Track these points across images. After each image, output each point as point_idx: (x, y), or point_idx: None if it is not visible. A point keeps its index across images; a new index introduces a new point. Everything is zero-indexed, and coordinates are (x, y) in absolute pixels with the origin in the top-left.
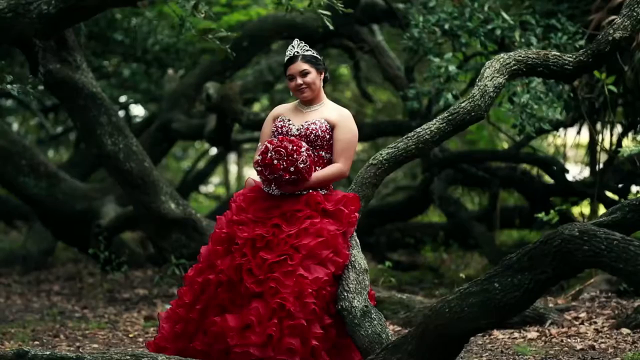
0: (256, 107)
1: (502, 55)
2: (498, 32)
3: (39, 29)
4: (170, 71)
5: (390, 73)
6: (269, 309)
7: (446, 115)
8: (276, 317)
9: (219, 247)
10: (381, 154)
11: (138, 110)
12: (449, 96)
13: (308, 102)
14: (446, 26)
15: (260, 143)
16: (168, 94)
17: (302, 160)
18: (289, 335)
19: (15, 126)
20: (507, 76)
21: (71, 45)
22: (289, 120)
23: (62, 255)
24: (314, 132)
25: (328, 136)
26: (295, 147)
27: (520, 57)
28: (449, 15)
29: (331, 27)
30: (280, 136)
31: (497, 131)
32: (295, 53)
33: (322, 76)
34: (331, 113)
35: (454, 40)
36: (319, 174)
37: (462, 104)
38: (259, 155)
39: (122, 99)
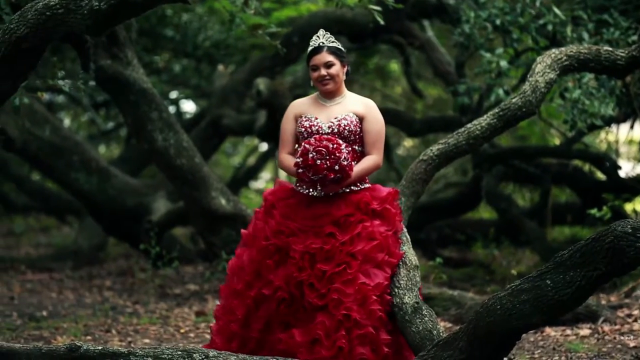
0: None
1: (553, 50)
2: (550, 27)
3: (90, 25)
4: (220, 67)
5: (441, 69)
6: (334, 321)
7: (497, 111)
8: (343, 328)
9: (269, 260)
10: (431, 150)
11: (188, 106)
12: (500, 92)
13: (330, 95)
14: (497, 22)
15: (281, 142)
16: (218, 89)
17: (344, 158)
18: (359, 345)
19: (66, 122)
20: (558, 72)
21: (122, 41)
22: (316, 118)
23: (114, 250)
24: (347, 127)
25: (359, 129)
26: (335, 145)
27: (571, 53)
28: (500, 10)
29: (381, 23)
30: (316, 135)
31: (549, 127)
32: (321, 44)
33: (345, 69)
34: (356, 105)
35: (505, 36)
36: (357, 169)
37: (513, 100)
38: (298, 157)
39: (173, 94)
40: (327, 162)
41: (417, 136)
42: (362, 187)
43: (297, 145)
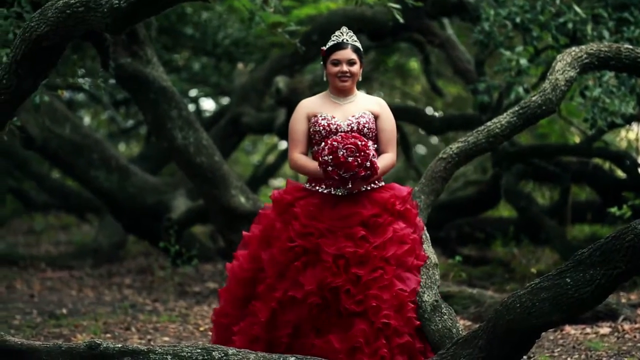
0: None
1: (573, 48)
2: (570, 25)
3: (110, 23)
4: (240, 65)
5: (461, 67)
6: (374, 328)
7: (517, 109)
8: (383, 335)
9: (297, 262)
10: (451, 148)
11: (208, 104)
12: (520, 90)
13: (344, 93)
14: (517, 19)
15: (292, 141)
16: (238, 88)
17: (373, 155)
18: (398, 354)
19: (86, 120)
20: (578, 70)
21: (142, 39)
22: (333, 116)
23: (133, 248)
24: (365, 125)
25: (374, 127)
26: (363, 142)
27: (592, 51)
28: (520, 8)
29: (401, 21)
30: (341, 133)
31: (569, 125)
32: (345, 40)
33: (361, 70)
34: (370, 104)
35: (525, 34)
36: (379, 166)
37: (533, 98)
38: (327, 156)
39: (193, 92)
40: (358, 159)
41: (436, 134)
42: (380, 185)
43: (322, 144)
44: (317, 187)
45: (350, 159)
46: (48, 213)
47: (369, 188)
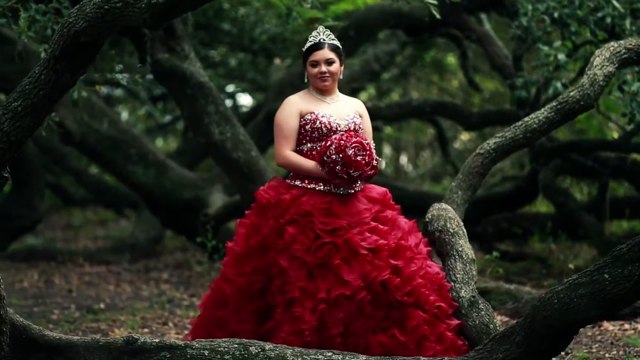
0: (362, 96)
1: (612, 43)
2: (608, 20)
3: (148, 19)
4: (276, 60)
5: (498, 62)
6: (430, 315)
7: (555, 104)
8: (439, 321)
9: (336, 260)
10: (488, 144)
11: (245, 100)
12: (558, 85)
13: (327, 93)
14: (555, 14)
15: (283, 138)
16: (274, 83)
17: (375, 153)
18: (455, 336)
19: (124, 115)
20: (617, 65)
21: (179, 34)
22: (330, 115)
23: (171, 243)
24: (360, 125)
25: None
26: (367, 141)
27: (630, 46)
28: (558, 3)
29: (438, 16)
30: (342, 133)
31: (607, 120)
32: (322, 40)
33: (342, 69)
34: (355, 105)
35: (563, 29)
36: None
37: (571, 93)
38: (335, 154)
39: (229, 88)
40: (366, 158)
41: (474, 130)
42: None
43: (327, 143)
44: (314, 186)
45: (359, 158)
46: (86, 208)
47: (357, 189)
